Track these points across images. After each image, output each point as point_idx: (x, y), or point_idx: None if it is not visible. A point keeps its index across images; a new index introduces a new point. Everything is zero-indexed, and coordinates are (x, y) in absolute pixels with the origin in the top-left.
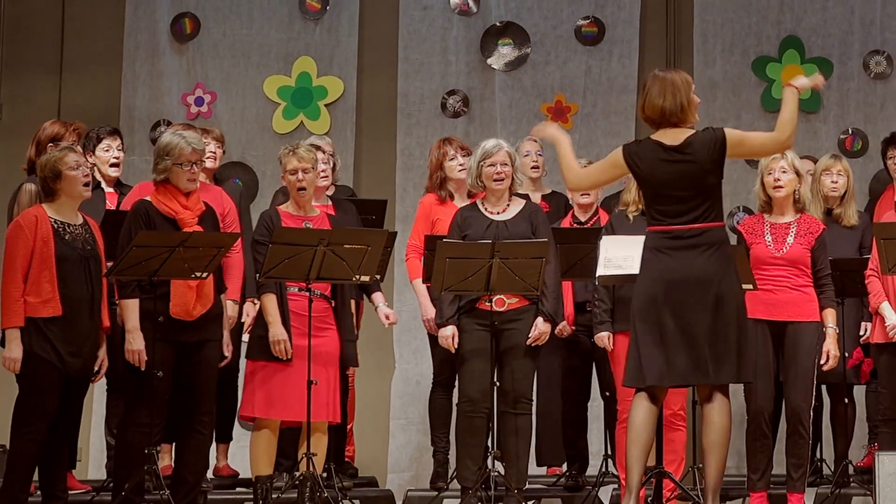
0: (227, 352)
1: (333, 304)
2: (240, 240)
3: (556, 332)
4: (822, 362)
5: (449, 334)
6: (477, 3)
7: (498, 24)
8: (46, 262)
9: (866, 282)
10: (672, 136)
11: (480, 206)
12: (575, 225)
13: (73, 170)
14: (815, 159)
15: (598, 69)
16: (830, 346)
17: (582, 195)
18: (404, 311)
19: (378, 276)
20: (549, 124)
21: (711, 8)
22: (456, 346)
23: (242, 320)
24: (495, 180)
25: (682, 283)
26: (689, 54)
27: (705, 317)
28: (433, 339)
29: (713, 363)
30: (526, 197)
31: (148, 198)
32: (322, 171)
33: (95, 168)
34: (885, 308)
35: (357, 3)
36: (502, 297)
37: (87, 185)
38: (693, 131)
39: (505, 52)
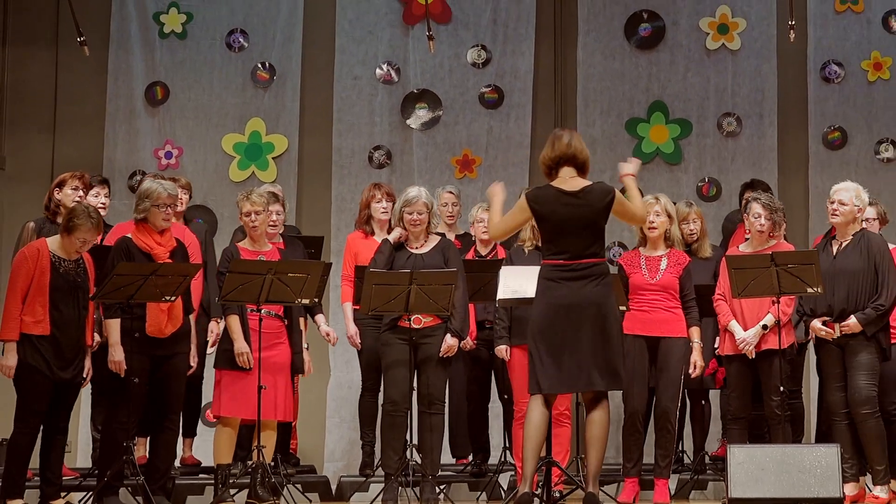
0: (194, 363)
1: (286, 323)
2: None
3: (461, 346)
4: (689, 371)
5: (354, 331)
6: (398, 74)
7: (415, 91)
8: (42, 290)
9: (715, 305)
10: (571, 184)
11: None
12: (476, 258)
13: (78, 239)
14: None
15: (499, 129)
16: (696, 357)
17: (483, 233)
18: (338, 329)
19: (317, 299)
20: (499, 187)
21: (591, 78)
22: (361, 345)
23: (208, 338)
24: (412, 224)
25: (574, 308)
26: (573, 116)
27: (592, 336)
28: (360, 352)
29: (598, 374)
30: (443, 234)
31: (129, 235)
32: (273, 221)
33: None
34: (734, 325)
35: (299, 74)
36: (419, 316)
37: (93, 232)
38: (589, 182)
39: (421, 115)
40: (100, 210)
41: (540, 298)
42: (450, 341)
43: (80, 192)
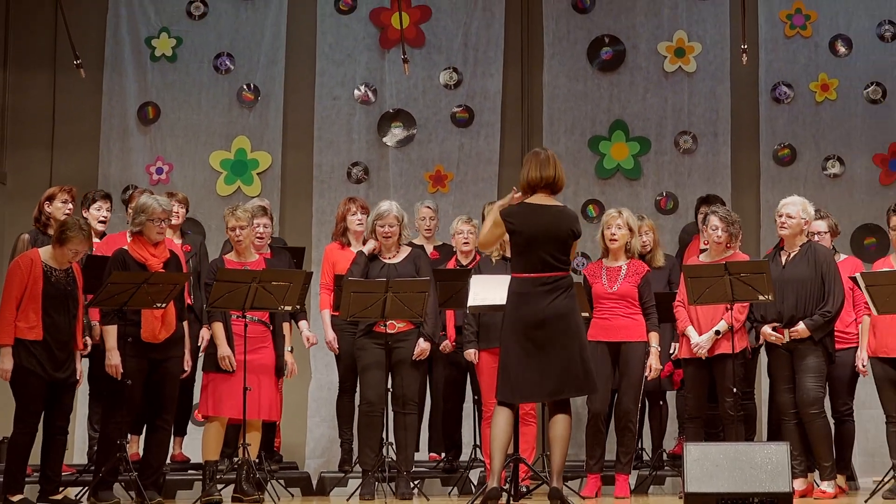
0: (187, 367)
1: (271, 328)
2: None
3: (440, 348)
4: (646, 374)
5: (332, 337)
6: (374, 95)
7: (391, 111)
8: (34, 297)
9: (675, 311)
10: (545, 201)
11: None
12: (458, 267)
13: (70, 251)
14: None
15: (469, 146)
16: (653, 360)
17: (463, 244)
18: (318, 334)
19: (299, 306)
20: (505, 200)
21: (556, 98)
22: (338, 350)
23: (199, 343)
24: (384, 237)
25: (544, 320)
26: (539, 134)
27: (563, 346)
28: (338, 356)
29: (570, 381)
30: (421, 247)
31: (125, 247)
32: (260, 234)
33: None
34: (690, 331)
35: (281, 94)
36: (393, 321)
37: (84, 243)
38: (561, 204)
39: (396, 133)
40: (102, 222)
41: (511, 311)
42: (423, 345)
43: (70, 205)
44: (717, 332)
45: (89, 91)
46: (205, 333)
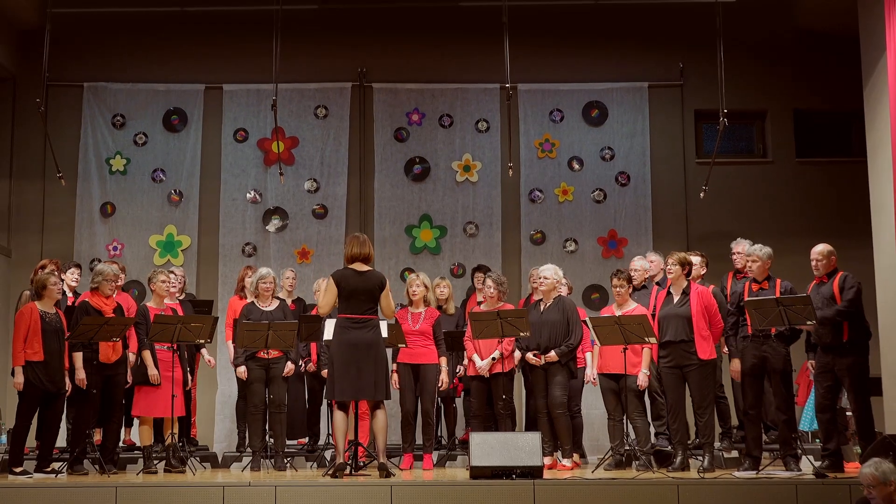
0: (129, 380)
1: (178, 354)
2: None
3: (307, 368)
4: (439, 385)
5: (243, 370)
6: (260, 197)
7: (271, 208)
8: (36, 333)
9: (464, 344)
10: (361, 267)
11: (257, 302)
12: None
13: (53, 285)
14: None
15: (325, 232)
16: (444, 377)
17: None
18: (223, 358)
19: (209, 340)
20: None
21: (383, 199)
22: (246, 376)
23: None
24: (264, 290)
25: (358, 346)
26: (371, 224)
27: (368, 363)
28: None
29: (373, 388)
30: (282, 301)
31: (87, 299)
32: (174, 285)
33: (64, 282)
34: (475, 357)
35: (197, 196)
36: (270, 350)
37: (58, 292)
38: (371, 268)
39: (275, 223)
40: (74, 280)
41: (336, 338)
42: (290, 366)
43: (55, 271)
44: (494, 358)
45: (68, 194)
46: (132, 357)
